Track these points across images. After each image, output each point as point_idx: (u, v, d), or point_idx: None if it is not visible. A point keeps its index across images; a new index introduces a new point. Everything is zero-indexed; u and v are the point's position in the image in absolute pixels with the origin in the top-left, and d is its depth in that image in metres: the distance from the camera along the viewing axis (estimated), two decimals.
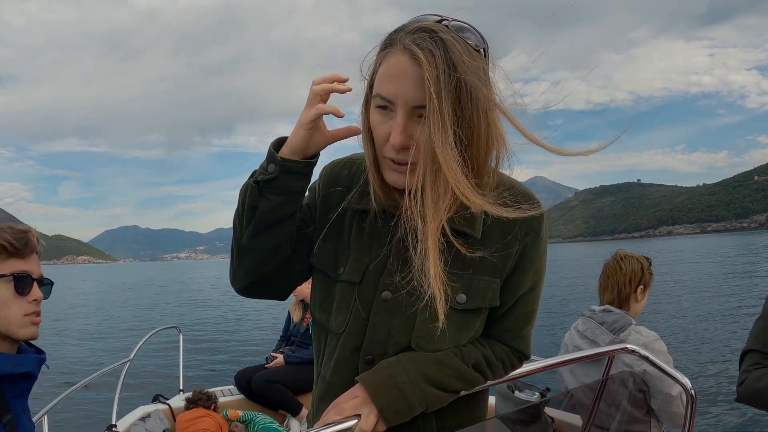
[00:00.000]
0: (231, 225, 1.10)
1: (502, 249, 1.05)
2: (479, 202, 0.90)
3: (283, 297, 1.24)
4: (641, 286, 2.50)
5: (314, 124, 0.99)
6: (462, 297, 1.04)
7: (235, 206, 1.06)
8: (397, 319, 1.05)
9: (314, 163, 1.04)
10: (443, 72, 0.86)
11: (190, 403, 3.61)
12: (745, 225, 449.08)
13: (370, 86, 0.99)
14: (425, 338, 1.04)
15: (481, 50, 0.94)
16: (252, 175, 1.04)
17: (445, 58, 0.86)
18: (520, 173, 1.03)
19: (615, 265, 2.55)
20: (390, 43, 0.94)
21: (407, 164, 0.93)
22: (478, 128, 0.90)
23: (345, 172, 1.18)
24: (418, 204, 0.91)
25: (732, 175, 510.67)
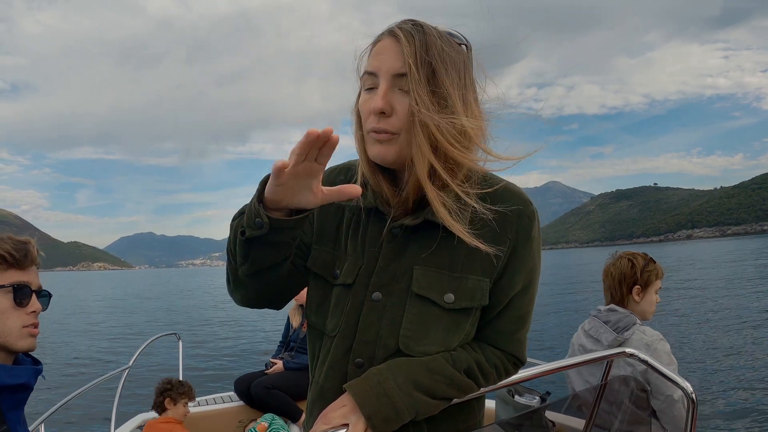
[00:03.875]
0: None
1: (492, 246, 1.03)
2: (462, 158, 0.97)
3: (280, 307, 1.23)
4: (637, 287, 2.44)
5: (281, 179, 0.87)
6: (450, 296, 1.03)
7: None
8: (386, 320, 1.05)
9: (305, 218, 0.96)
10: (421, 46, 0.96)
11: (158, 408, 3.45)
12: (766, 228, 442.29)
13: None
14: (413, 339, 1.03)
15: (463, 46, 1.03)
16: (240, 220, 0.98)
17: (423, 38, 0.97)
18: (535, 179, 1.04)
19: (606, 268, 2.53)
20: (379, 35, 1.03)
21: (386, 132, 0.99)
22: (456, 100, 0.97)
23: (341, 177, 1.19)
24: (412, 154, 0.98)
25: (750, 178, 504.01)
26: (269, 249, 0.99)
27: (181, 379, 4.15)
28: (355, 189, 0.92)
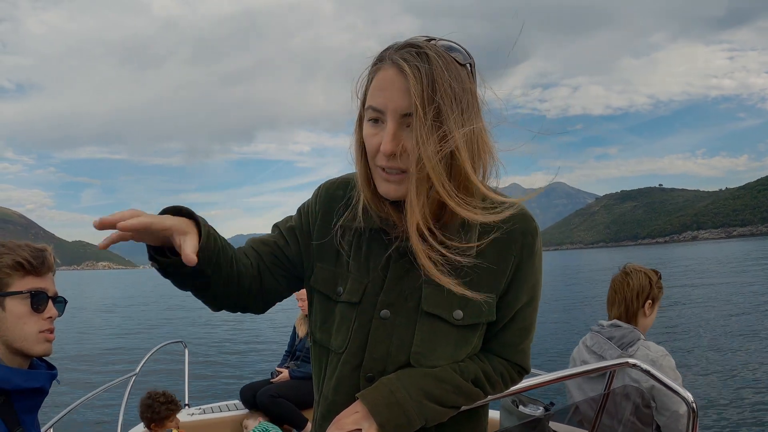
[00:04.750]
0: (250, 231, 1.08)
1: (497, 264, 1.07)
2: (461, 210, 0.96)
3: (260, 312, 1.24)
4: (649, 301, 2.45)
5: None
6: (459, 313, 1.06)
7: (254, 213, 1.06)
8: (395, 337, 1.07)
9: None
10: (428, 84, 0.92)
11: (148, 420, 3.30)
12: None
13: (363, 103, 1.04)
14: (424, 355, 1.06)
15: (467, 65, 1.01)
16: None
17: (429, 72, 0.93)
18: (539, 179, 1.08)
19: (622, 279, 2.51)
20: (380, 59, 1.00)
21: (397, 173, 0.99)
22: (460, 140, 0.94)
23: (340, 192, 1.20)
24: (405, 204, 0.97)
25: (756, 179, 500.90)
26: (180, 278, 1.02)
27: (186, 386, 4.16)
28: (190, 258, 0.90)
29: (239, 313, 1.21)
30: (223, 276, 1.06)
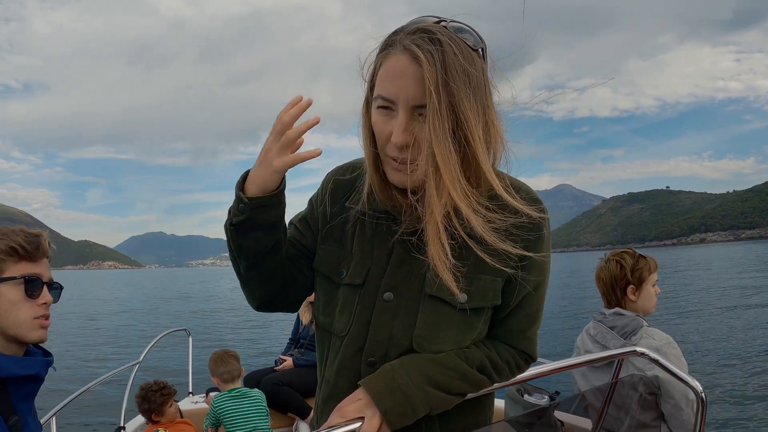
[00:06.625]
0: None
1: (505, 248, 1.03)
2: (466, 208, 0.93)
3: (294, 309, 1.28)
4: (632, 286, 2.36)
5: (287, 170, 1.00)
6: (463, 296, 1.03)
7: None
8: (398, 320, 1.05)
9: (281, 192, 1.04)
10: (442, 72, 0.89)
11: (148, 412, 3.22)
12: None
13: (371, 88, 1.01)
14: (426, 338, 1.04)
15: (479, 50, 0.97)
16: (228, 215, 1.07)
17: (443, 59, 0.89)
18: (546, 181, 1.01)
19: (597, 272, 2.46)
20: (390, 44, 0.96)
21: (409, 163, 0.96)
22: (476, 127, 0.92)
23: (346, 177, 1.20)
24: (425, 200, 0.94)
25: (763, 181, 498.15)
26: (257, 232, 1.05)
27: (190, 374, 4.14)
28: (316, 152, 0.99)
29: (272, 312, 1.25)
30: (281, 251, 1.12)
